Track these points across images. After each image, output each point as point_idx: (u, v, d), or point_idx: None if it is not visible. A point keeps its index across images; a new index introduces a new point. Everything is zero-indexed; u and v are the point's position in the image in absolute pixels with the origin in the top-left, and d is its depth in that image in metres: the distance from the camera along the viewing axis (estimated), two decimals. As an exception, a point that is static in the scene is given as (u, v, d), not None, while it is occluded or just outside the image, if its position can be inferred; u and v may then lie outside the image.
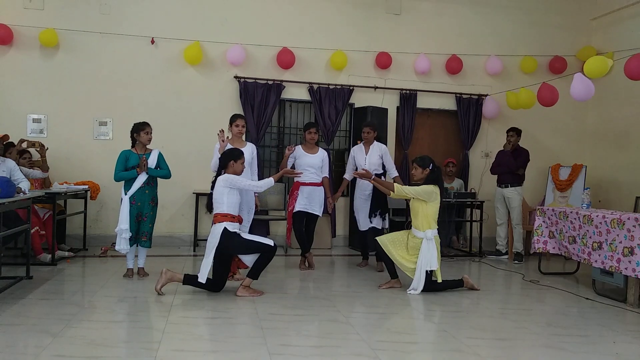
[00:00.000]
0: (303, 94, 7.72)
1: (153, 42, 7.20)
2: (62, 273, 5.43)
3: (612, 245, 4.86)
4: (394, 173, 6.07)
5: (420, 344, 3.71)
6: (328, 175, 6.07)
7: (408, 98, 7.97)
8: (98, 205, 7.08)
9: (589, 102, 8.27)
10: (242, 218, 4.91)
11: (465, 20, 8.20)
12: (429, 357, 3.51)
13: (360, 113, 7.55)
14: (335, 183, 7.43)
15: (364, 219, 6.01)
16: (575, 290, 5.35)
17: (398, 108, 8.00)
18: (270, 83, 7.47)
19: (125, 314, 4.16)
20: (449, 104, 8.21)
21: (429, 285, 4.90)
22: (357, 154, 6.13)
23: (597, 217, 5.08)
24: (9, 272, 5.16)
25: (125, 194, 5.12)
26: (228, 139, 5.25)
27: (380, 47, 7.85)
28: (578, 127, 8.56)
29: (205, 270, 4.55)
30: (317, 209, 5.90)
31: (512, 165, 7.02)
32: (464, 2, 8.19)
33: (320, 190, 5.93)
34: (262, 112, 7.42)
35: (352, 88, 7.75)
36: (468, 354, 3.39)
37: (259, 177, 5.60)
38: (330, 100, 7.65)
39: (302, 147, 5.99)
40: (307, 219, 5.94)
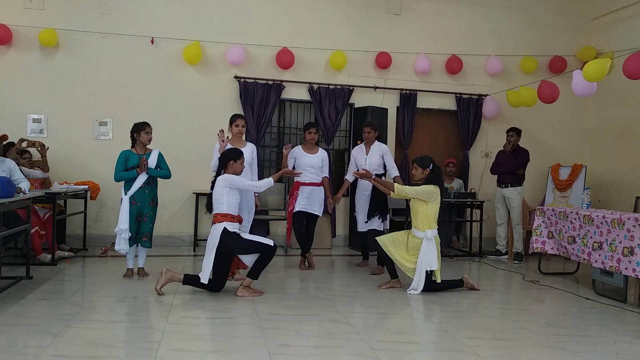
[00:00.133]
0: (303, 94, 7.72)
1: (153, 42, 7.20)
2: (62, 273, 5.43)
3: (612, 246, 4.86)
4: (394, 173, 6.03)
5: (420, 344, 3.71)
6: (328, 175, 6.07)
7: (408, 98, 7.97)
8: (98, 205, 7.09)
9: (589, 101, 8.30)
10: (242, 218, 4.91)
11: (465, 20, 8.20)
12: (429, 357, 3.51)
13: (360, 113, 7.55)
14: (335, 183, 7.43)
15: (363, 220, 5.99)
16: (575, 290, 5.35)
17: (398, 108, 8.00)
18: (270, 83, 7.47)
19: (125, 314, 4.16)
20: (449, 104, 8.21)
21: (429, 285, 4.90)
22: (357, 154, 6.11)
23: (597, 217, 5.08)
24: (9, 272, 5.16)
25: (125, 194, 5.12)
26: (228, 139, 5.25)
27: (380, 47, 7.85)
28: (578, 127, 8.56)
29: (207, 271, 4.55)
30: (317, 209, 5.90)
31: (512, 165, 7.02)
32: (464, 2, 8.19)
33: (320, 190, 5.93)
34: (262, 112, 7.42)
35: (352, 88, 7.75)
36: (468, 354, 3.39)
37: (259, 177, 5.60)
38: (330, 100, 7.65)
39: (302, 147, 5.99)
40: (307, 219, 5.94)
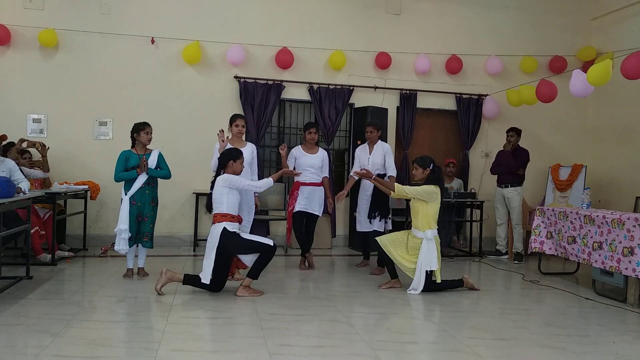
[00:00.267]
0: (303, 94, 7.72)
1: (153, 42, 7.20)
2: (62, 273, 5.43)
3: (612, 246, 4.86)
4: (390, 172, 5.90)
5: (420, 344, 3.71)
6: (328, 175, 6.06)
7: (408, 98, 7.97)
8: (98, 205, 7.09)
9: (589, 101, 8.29)
10: (241, 218, 4.91)
11: (465, 20, 8.20)
12: (429, 357, 3.51)
13: (360, 113, 7.55)
14: (336, 183, 7.43)
15: (365, 220, 5.99)
16: (575, 290, 5.35)
17: (398, 108, 8.00)
18: (270, 83, 7.47)
19: (125, 314, 4.15)
20: (449, 104, 8.21)
21: (429, 285, 4.90)
22: (361, 154, 6.09)
23: (597, 217, 5.08)
24: (9, 272, 5.16)
25: (126, 194, 5.12)
26: (228, 139, 5.25)
27: (380, 47, 7.85)
28: (578, 126, 8.56)
29: (209, 271, 4.55)
30: (317, 209, 5.90)
31: (512, 165, 7.02)
32: (464, 2, 8.19)
33: (320, 190, 5.93)
34: (262, 112, 7.42)
35: (352, 88, 7.75)
36: (468, 354, 3.39)
37: (259, 177, 5.59)
38: (330, 100, 7.64)
39: (302, 147, 5.99)
40: (307, 219, 5.93)
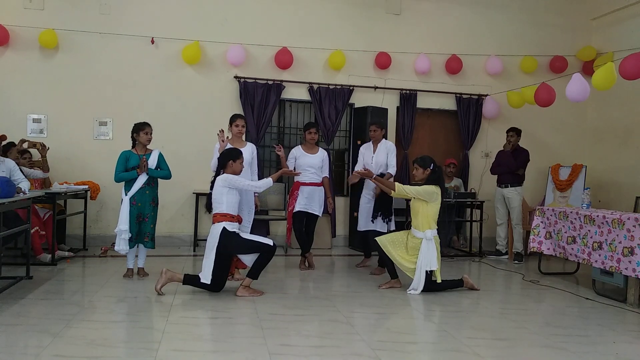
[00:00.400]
0: (303, 94, 7.72)
1: (153, 42, 7.20)
2: (62, 273, 5.43)
3: (612, 246, 4.86)
4: (389, 170, 5.90)
5: (420, 344, 3.71)
6: (328, 176, 6.06)
7: (408, 98, 7.97)
8: (98, 205, 7.09)
9: (589, 102, 8.26)
10: (241, 218, 4.91)
11: (465, 20, 8.20)
12: (429, 357, 3.51)
13: (360, 113, 7.55)
14: (336, 183, 7.43)
15: (365, 220, 5.99)
16: (575, 290, 5.35)
17: (398, 108, 8.00)
18: (270, 83, 7.47)
19: (125, 314, 4.16)
20: (449, 104, 8.21)
21: (429, 285, 4.90)
22: (365, 152, 6.09)
23: (597, 217, 5.08)
24: (9, 272, 5.16)
25: (126, 195, 5.12)
26: (228, 139, 5.25)
27: (380, 47, 7.84)
28: (578, 127, 8.56)
29: (208, 271, 4.55)
30: (317, 209, 5.90)
31: (512, 166, 7.02)
32: (464, 2, 8.19)
33: (320, 190, 5.93)
34: (262, 112, 7.42)
35: (352, 88, 7.75)
36: (468, 354, 3.39)
37: (259, 177, 5.59)
38: (330, 100, 7.64)
39: (302, 147, 5.99)
40: (307, 219, 5.94)
